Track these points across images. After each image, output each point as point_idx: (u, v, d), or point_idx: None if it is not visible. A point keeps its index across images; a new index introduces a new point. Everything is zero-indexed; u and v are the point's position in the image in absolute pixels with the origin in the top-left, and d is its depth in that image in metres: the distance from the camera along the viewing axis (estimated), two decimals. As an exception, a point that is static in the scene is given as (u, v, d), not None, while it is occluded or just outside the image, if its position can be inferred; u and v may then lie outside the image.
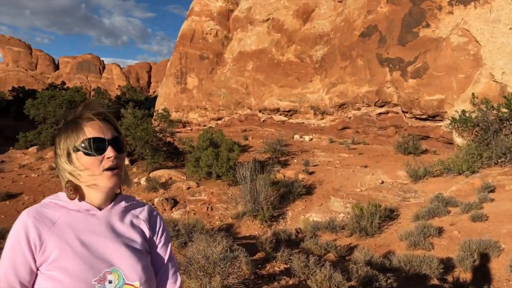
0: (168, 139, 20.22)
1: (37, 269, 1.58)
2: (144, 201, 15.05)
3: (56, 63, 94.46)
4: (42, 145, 28.16)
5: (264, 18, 33.16)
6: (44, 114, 30.89)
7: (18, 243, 1.57)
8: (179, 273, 1.95)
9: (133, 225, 1.79)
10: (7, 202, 16.87)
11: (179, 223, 9.58)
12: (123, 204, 1.80)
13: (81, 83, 70.29)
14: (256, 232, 11.87)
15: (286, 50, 30.90)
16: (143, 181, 16.99)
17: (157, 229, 1.88)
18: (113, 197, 1.77)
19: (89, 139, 1.65)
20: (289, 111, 29.52)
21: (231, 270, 5.06)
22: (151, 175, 17.49)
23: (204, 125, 33.58)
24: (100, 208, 1.72)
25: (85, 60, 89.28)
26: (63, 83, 55.37)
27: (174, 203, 14.63)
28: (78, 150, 1.66)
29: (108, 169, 1.66)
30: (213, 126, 31.68)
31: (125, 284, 1.64)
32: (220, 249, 5.35)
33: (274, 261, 7.36)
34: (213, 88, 34.41)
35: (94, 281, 1.57)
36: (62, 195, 1.71)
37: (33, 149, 27.72)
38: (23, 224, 1.59)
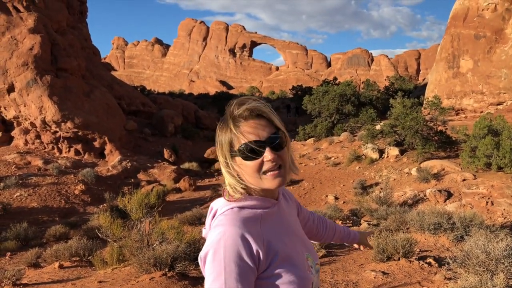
0: (439, 127, 19.22)
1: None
2: (416, 191, 14.82)
3: (328, 60, 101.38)
4: (318, 137, 30.84)
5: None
6: (319, 109, 33.77)
7: (240, 258, 1.46)
8: None
9: (294, 209, 1.92)
10: (291, 187, 19.26)
11: (454, 216, 9.10)
12: (282, 192, 1.83)
13: (351, 77, 73.52)
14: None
15: None
16: (413, 171, 16.70)
17: (300, 206, 2.06)
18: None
19: (244, 144, 1.57)
20: None
21: (517, 270, 4.56)
22: (422, 165, 17.02)
23: (481, 112, 30.38)
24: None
25: (355, 55, 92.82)
26: (335, 78, 59.12)
27: (448, 195, 13.89)
28: (234, 156, 1.61)
29: (268, 171, 1.59)
30: (492, 112, 28.38)
31: (316, 264, 1.75)
32: (503, 246, 4.88)
33: None
34: (492, 69, 30.77)
35: (308, 271, 1.64)
36: (240, 198, 1.63)
37: (310, 141, 30.65)
38: (240, 237, 1.49)
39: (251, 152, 1.56)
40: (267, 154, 1.56)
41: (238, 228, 1.50)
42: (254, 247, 1.49)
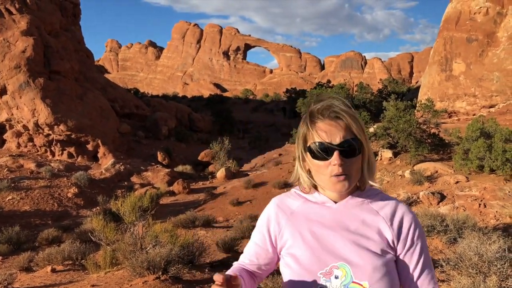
0: (432, 130, 19.31)
1: (278, 253, 1.75)
2: (409, 194, 14.86)
3: (322, 63, 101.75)
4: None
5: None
6: (313, 111, 33.85)
7: (262, 225, 1.78)
8: (436, 283, 1.68)
9: (368, 221, 1.65)
10: (285, 190, 19.26)
11: (447, 218, 9.14)
12: (360, 198, 1.68)
13: (344, 80, 73.76)
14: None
15: None
16: (407, 174, 16.76)
17: (402, 229, 1.65)
18: (351, 191, 1.68)
19: (315, 143, 1.59)
20: None
21: (510, 272, 4.58)
22: (415, 168, 17.09)
23: (473, 114, 30.61)
24: (336, 202, 1.67)
25: (348, 58, 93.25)
26: (329, 81, 59.37)
27: (441, 197, 13.94)
28: (306, 151, 1.64)
29: (333, 175, 1.57)
30: (484, 114, 28.59)
31: (353, 282, 1.55)
32: (495, 248, 4.90)
33: None
34: (484, 73, 31.02)
35: (320, 274, 1.56)
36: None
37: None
38: (268, 210, 1.78)
39: (320, 152, 1.57)
40: (334, 159, 1.55)
41: (273, 204, 1.79)
42: (272, 221, 1.75)
